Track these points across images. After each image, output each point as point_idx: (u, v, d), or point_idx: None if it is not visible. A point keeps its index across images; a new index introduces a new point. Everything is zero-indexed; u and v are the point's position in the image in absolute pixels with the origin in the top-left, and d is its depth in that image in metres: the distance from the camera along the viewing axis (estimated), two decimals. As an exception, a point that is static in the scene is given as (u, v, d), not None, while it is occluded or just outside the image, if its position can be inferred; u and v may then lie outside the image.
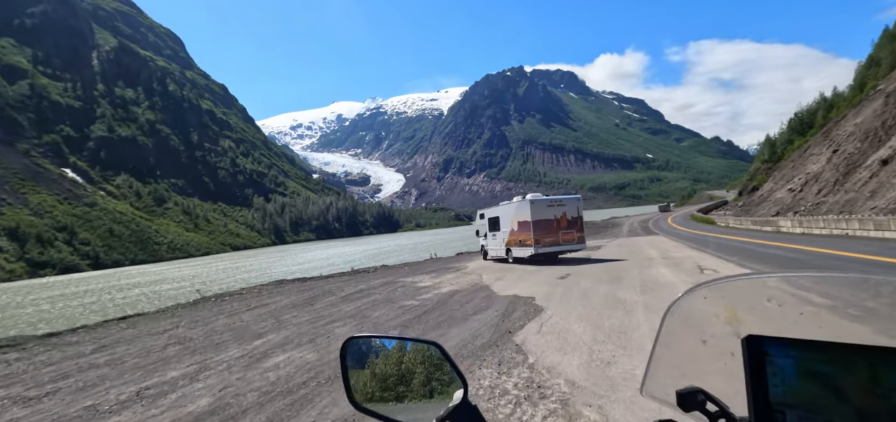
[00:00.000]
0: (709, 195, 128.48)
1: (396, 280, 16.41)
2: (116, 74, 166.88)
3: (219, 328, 10.06)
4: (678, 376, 0.87)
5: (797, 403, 0.70)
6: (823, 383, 0.68)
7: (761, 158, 68.83)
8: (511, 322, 7.82)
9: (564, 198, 17.60)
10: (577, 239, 17.27)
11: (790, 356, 0.72)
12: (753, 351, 0.75)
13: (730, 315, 0.86)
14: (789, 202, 24.96)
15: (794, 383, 0.71)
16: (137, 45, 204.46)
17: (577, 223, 17.38)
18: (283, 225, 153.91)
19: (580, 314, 7.91)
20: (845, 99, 56.72)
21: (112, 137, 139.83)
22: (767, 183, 49.46)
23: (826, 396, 0.68)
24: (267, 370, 6.25)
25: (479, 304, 10.03)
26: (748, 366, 0.75)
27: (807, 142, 50.78)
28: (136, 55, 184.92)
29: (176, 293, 23.33)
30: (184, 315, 12.76)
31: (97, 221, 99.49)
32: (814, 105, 62.52)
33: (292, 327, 9.20)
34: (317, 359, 6.62)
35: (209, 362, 7.04)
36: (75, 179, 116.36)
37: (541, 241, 16.78)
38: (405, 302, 11.30)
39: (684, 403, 0.79)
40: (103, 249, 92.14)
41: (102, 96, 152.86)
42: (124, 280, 43.74)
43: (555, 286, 11.33)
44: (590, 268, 14.61)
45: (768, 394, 0.73)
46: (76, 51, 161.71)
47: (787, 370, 0.72)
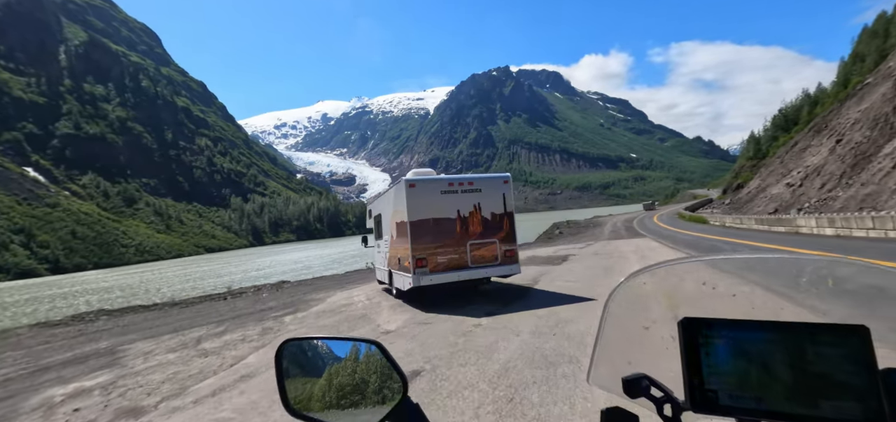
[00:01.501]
0: (692, 194, 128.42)
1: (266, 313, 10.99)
2: (86, 70, 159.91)
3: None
4: (624, 363, 0.87)
5: (728, 382, 0.73)
6: (753, 361, 0.72)
7: (746, 155, 67.99)
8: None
9: (478, 178, 10.16)
10: (502, 256, 9.78)
11: (722, 336, 0.75)
12: (688, 334, 0.78)
13: (669, 300, 0.87)
14: (788, 198, 22.98)
15: (726, 363, 0.74)
16: (109, 39, 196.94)
17: (502, 226, 9.87)
18: (261, 226, 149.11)
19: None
20: (830, 95, 55.95)
21: (79, 135, 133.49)
22: (754, 180, 47.92)
23: (755, 373, 0.71)
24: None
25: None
26: (683, 349, 0.78)
27: (792, 138, 49.52)
28: (108, 50, 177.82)
29: (65, 306, 20.10)
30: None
31: (58, 223, 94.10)
32: (798, 102, 61.82)
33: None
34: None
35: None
36: (37, 179, 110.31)
37: (429, 262, 9.27)
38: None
39: (630, 389, 0.81)
40: (64, 252, 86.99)
41: (69, 92, 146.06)
42: (54, 289, 40.02)
43: (436, 362, 5.67)
44: (526, 319, 7.57)
45: (702, 375, 0.75)
46: (42, 45, 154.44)
47: (719, 351, 0.75)
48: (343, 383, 0.97)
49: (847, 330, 0.66)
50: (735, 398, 0.72)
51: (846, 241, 15.02)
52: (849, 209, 16.64)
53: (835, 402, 0.65)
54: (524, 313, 7.97)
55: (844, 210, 16.71)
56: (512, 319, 7.68)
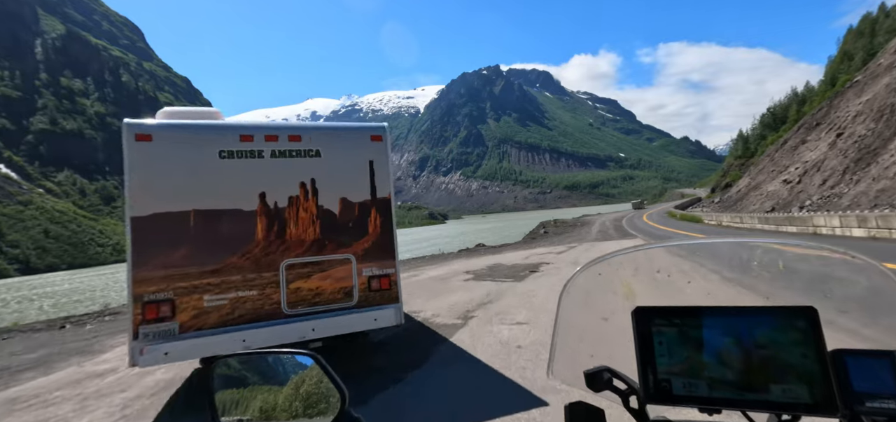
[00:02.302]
0: (680, 194, 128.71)
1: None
2: (63, 64, 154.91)
3: None
4: (585, 355, 0.85)
5: (681, 370, 0.73)
6: (704, 348, 0.72)
7: (734, 154, 67.62)
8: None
9: (312, 127, 4.71)
10: (362, 291, 4.61)
11: (674, 325, 0.74)
12: (641, 324, 0.77)
13: (626, 290, 0.87)
14: (786, 196, 21.83)
15: (678, 351, 0.73)
16: (90, 33, 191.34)
17: (365, 228, 4.75)
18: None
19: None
20: (818, 93, 55.68)
21: (54, 131, 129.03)
22: (743, 178, 47.19)
23: (707, 361, 0.71)
24: None
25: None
26: (637, 338, 0.77)
27: (781, 136, 49.02)
28: (87, 44, 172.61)
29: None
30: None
31: (31, 222, 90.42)
32: (786, 100, 61.57)
33: None
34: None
35: None
36: (9, 176, 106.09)
37: (180, 309, 3.98)
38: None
39: (593, 383, 0.79)
40: (35, 252, 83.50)
41: (45, 86, 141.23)
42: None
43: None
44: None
45: (656, 364, 0.75)
46: (16, 37, 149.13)
47: (671, 340, 0.74)
48: (277, 397, 0.92)
49: (795, 312, 0.66)
50: (688, 387, 0.72)
51: (889, 244, 12.01)
52: (860, 206, 15.46)
53: (785, 385, 0.66)
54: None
55: (854, 207, 15.52)
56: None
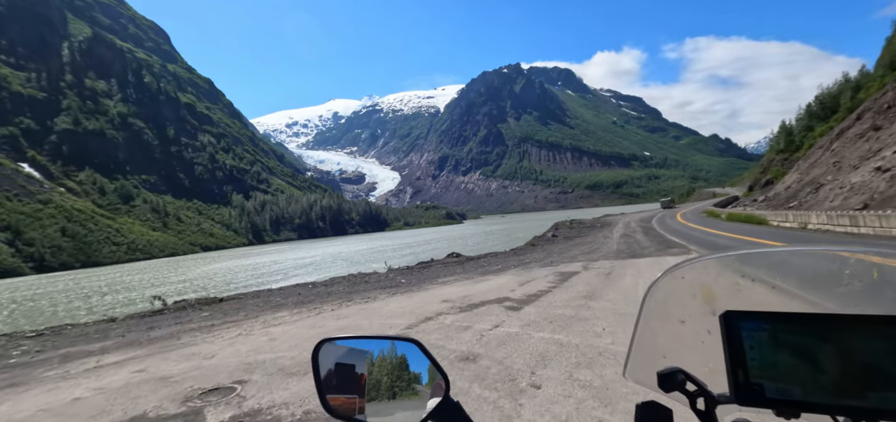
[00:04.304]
0: (711, 193, 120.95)
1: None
2: (88, 65, 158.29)
3: None
4: (659, 357, 0.86)
5: (775, 375, 0.72)
6: (798, 354, 0.70)
7: (776, 148, 61.79)
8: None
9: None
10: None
11: (765, 329, 0.73)
12: (731, 327, 0.76)
13: (706, 294, 0.86)
14: (884, 188, 17.04)
15: (771, 356, 0.72)
16: (116, 36, 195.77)
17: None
18: (262, 223, 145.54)
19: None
20: (875, 77, 49.95)
21: (77, 131, 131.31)
22: (791, 174, 41.78)
23: (801, 366, 0.70)
24: None
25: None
26: (726, 342, 0.76)
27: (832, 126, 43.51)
28: (112, 46, 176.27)
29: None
30: None
31: (48, 220, 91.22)
32: (836, 88, 55.56)
33: None
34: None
35: None
36: (31, 175, 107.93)
37: None
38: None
39: (665, 383, 0.80)
40: (51, 250, 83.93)
41: (70, 88, 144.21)
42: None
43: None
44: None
45: (747, 368, 0.74)
46: (43, 40, 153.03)
47: (763, 344, 0.73)
48: (382, 381, 0.96)
49: (891, 322, 0.65)
50: (781, 391, 0.71)
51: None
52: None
53: (883, 393, 0.64)
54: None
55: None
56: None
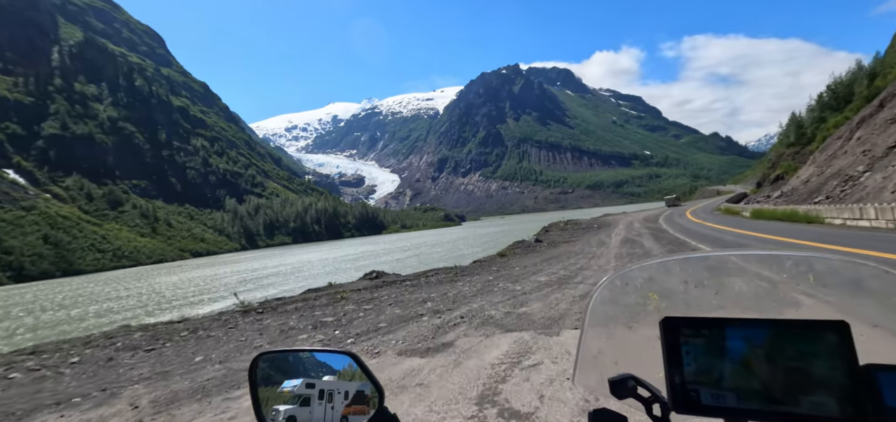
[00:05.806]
0: (715, 190, 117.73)
1: None
2: (78, 69, 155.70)
3: None
4: (610, 363, 0.86)
5: (709, 380, 0.73)
6: (733, 359, 0.72)
7: (785, 141, 58.62)
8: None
9: None
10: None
11: (702, 335, 0.74)
12: (670, 333, 0.77)
13: (653, 299, 0.87)
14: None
15: (706, 361, 0.74)
16: (109, 40, 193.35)
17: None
18: (255, 228, 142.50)
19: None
20: (893, 64, 46.82)
21: (64, 135, 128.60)
22: (806, 167, 38.58)
23: (736, 371, 0.71)
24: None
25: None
26: (665, 348, 0.77)
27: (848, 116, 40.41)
28: (103, 50, 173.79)
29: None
30: None
31: (30, 227, 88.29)
32: (849, 77, 52.30)
33: None
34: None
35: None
36: (16, 181, 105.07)
37: None
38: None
39: (616, 390, 0.80)
40: (30, 258, 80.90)
41: (59, 92, 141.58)
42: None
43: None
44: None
45: (683, 374, 0.75)
46: (33, 44, 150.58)
47: (699, 350, 0.74)
48: (318, 394, 0.95)
49: (826, 326, 0.66)
50: (716, 397, 0.72)
51: None
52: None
53: (815, 398, 0.65)
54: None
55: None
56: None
